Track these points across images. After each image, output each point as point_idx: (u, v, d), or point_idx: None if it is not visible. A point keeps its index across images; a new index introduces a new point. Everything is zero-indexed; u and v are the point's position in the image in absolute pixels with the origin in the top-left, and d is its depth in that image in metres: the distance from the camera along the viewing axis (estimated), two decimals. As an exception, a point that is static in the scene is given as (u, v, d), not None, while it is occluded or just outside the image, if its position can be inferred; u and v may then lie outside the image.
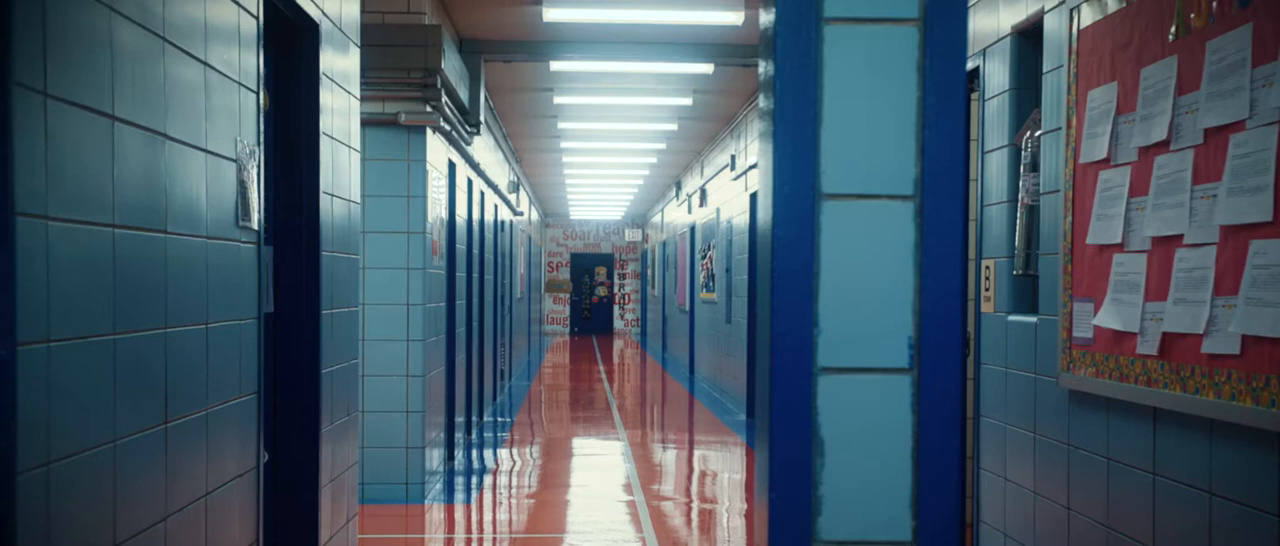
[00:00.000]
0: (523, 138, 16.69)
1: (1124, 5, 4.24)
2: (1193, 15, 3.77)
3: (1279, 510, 3.34)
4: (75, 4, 2.56)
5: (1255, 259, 3.40)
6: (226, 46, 3.69)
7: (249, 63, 3.93)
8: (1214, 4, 3.65)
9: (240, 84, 3.84)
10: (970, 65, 5.97)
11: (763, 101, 1.87)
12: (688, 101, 13.17)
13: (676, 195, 22.08)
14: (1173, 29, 3.89)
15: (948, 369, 1.77)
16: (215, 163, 3.57)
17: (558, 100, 13.26)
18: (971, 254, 6.05)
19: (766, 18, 1.84)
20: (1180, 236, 3.82)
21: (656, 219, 28.41)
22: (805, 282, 1.78)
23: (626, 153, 18.37)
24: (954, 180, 1.77)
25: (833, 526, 1.79)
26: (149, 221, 3.02)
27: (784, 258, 1.78)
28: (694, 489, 9.45)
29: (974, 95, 6.00)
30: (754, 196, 13.43)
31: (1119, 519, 4.31)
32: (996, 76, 5.64)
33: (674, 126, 15.14)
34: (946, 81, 1.75)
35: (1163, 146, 3.94)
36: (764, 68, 1.86)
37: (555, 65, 11.10)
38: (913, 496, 1.79)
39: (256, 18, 4.00)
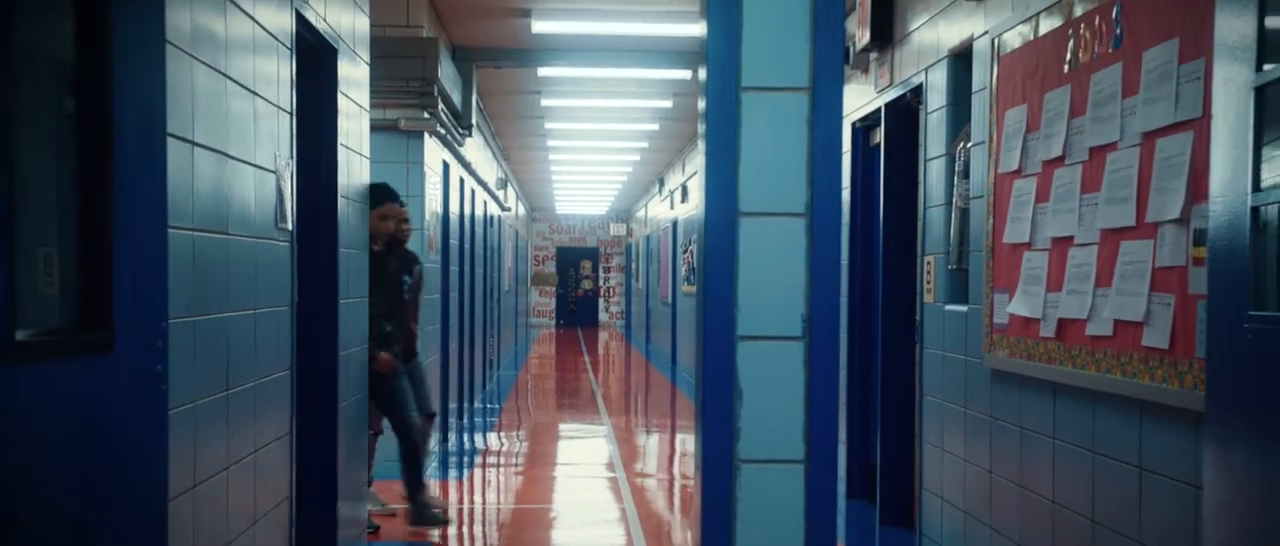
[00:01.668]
0: (511, 137, 17.39)
1: (1033, 39, 4.96)
2: (1082, 52, 4.50)
3: (1139, 462, 4.06)
4: (174, 58, 3.25)
5: (1124, 257, 4.13)
6: (270, 78, 4.38)
7: (285, 89, 4.62)
8: (1096, 44, 4.37)
9: (278, 107, 4.53)
10: (916, 81, 6.70)
11: (701, 144, 2.58)
12: (668, 104, 13.87)
13: (660, 191, 22.78)
14: (1067, 62, 4.61)
15: (829, 337, 2.48)
16: (261, 175, 4.27)
17: (545, 103, 13.96)
18: (917, 251, 6.77)
19: (702, 85, 2.55)
20: (1072, 237, 4.54)
21: (640, 214, 29.12)
22: (729, 275, 2.49)
23: (610, 151, 19.08)
24: (834, 202, 2.48)
25: (749, 449, 2.51)
26: (217, 225, 3.72)
27: (714, 258, 2.50)
28: (675, 468, 10.16)
29: (919, 107, 6.72)
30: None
31: (1029, 479, 5.03)
32: (937, 92, 6.36)
33: (655, 127, 15.85)
34: (828, 132, 2.46)
35: (1059, 161, 4.66)
36: (700, 121, 2.57)
37: (542, 71, 11.79)
38: (805, 427, 2.50)
39: (291, 52, 4.69)
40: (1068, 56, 4.61)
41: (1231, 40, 3.09)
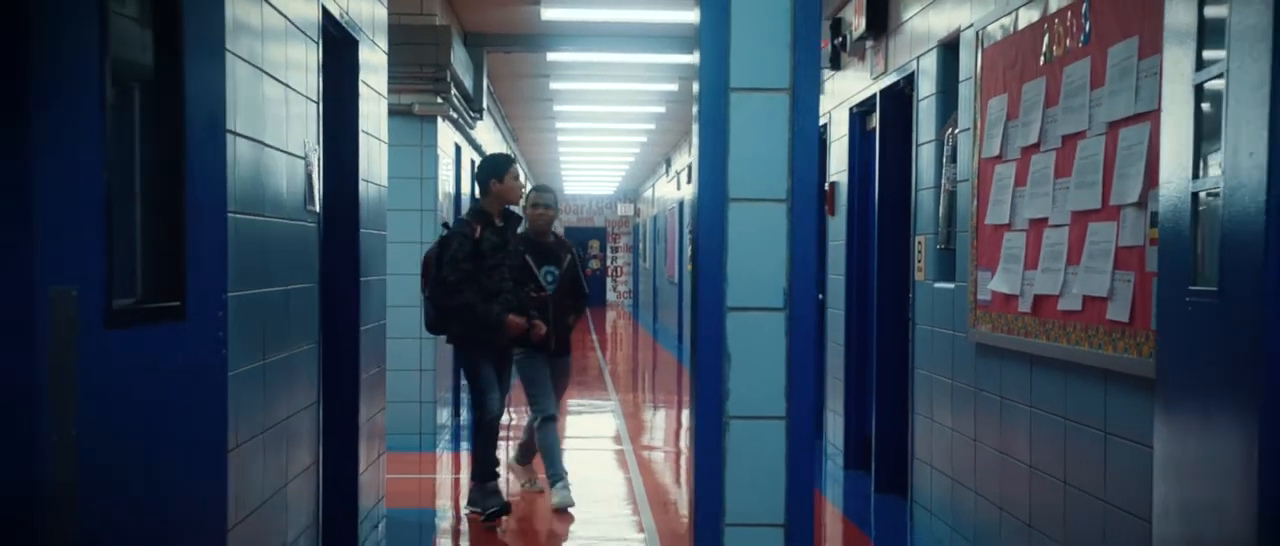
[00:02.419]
0: (520, 119, 17.71)
1: (1013, 33, 5.27)
2: (1055, 46, 4.82)
3: (1104, 427, 4.40)
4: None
5: (1091, 237, 4.46)
6: (299, 69, 4.72)
7: (313, 79, 4.96)
8: (1068, 38, 4.69)
9: (306, 97, 4.86)
10: (909, 69, 7.02)
11: (694, 138, 2.92)
12: (674, 87, 14.19)
13: (666, 171, 23.09)
14: (1043, 55, 4.93)
15: (807, 308, 2.82)
16: (291, 161, 4.60)
17: (553, 86, 14.28)
18: (910, 231, 7.10)
19: (695, 87, 2.89)
20: (1046, 219, 4.87)
21: (648, 194, 29.44)
22: (719, 253, 2.83)
23: (618, 132, 19.40)
24: (811, 189, 2.82)
25: (737, 407, 2.85)
26: (255, 209, 4.06)
27: (706, 237, 2.84)
28: (681, 442, 10.52)
29: (911, 94, 7.04)
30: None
31: (1009, 446, 5.37)
32: (927, 80, 6.68)
33: (662, 109, 16.16)
34: (806, 127, 2.80)
35: (1036, 148, 4.99)
36: (694, 118, 2.90)
37: (551, 55, 12.11)
38: (786, 387, 2.84)
39: (317, 43, 5.03)
40: (1043, 49, 4.93)
41: (1175, 42, 3.41)
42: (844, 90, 8.69)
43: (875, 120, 7.88)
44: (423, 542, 6.79)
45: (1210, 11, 3.27)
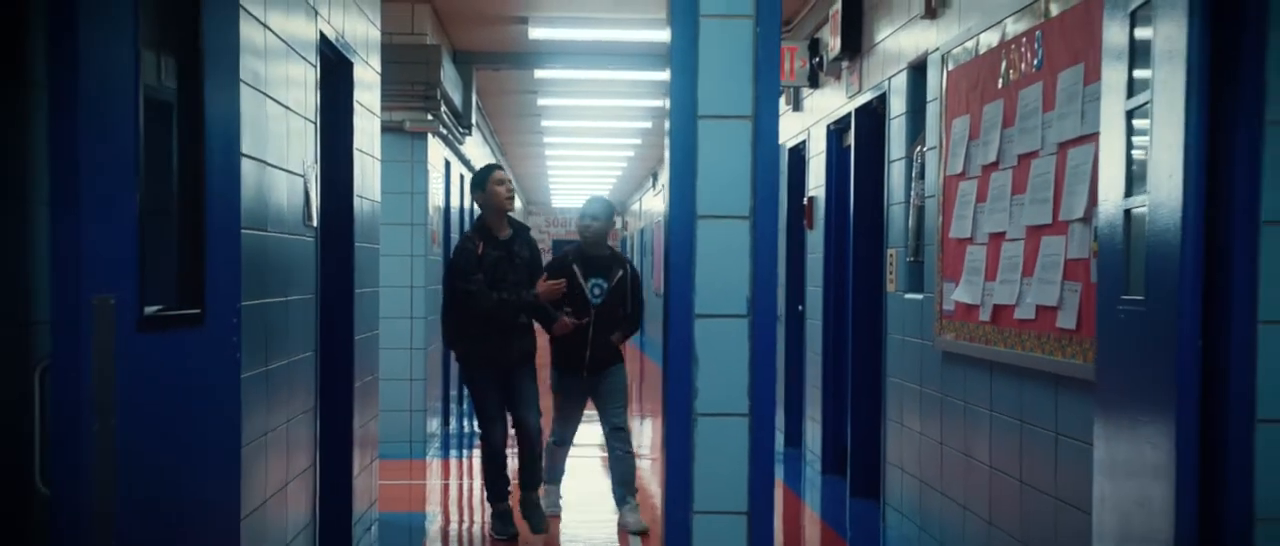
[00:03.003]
0: (508, 134, 18.00)
1: (974, 58, 5.57)
2: (1011, 70, 5.12)
3: (1055, 428, 4.69)
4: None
5: (1044, 250, 4.75)
6: (298, 90, 5.00)
7: (311, 100, 5.24)
8: (1023, 64, 4.99)
9: (305, 117, 5.14)
10: (882, 89, 7.32)
11: (666, 161, 3.20)
12: (659, 103, 14.49)
13: (653, 185, 23.39)
14: (1001, 78, 5.23)
15: (768, 316, 3.11)
16: (292, 179, 4.88)
17: (541, 102, 14.58)
18: (883, 244, 7.39)
19: (668, 114, 3.18)
20: (1004, 233, 5.16)
21: (635, 207, 29.73)
22: (688, 265, 3.12)
23: (604, 147, 19.70)
24: (773, 207, 3.11)
25: (704, 405, 3.14)
26: (259, 224, 4.33)
27: (677, 251, 3.13)
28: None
29: (883, 113, 7.34)
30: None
31: (972, 448, 5.66)
32: (898, 100, 6.98)
33: (648, 125, 16.47)
34: (766, 151, 3.09)
35: (995, 166, 5.28)
36: (666, 144, 3.19)
37: (539, 73, 12.40)
38: (748, 388, 3.13)
39: (315, 66, 5.31)
40: (1001, 73, 5.23)
41: (1111, 72, 3.71)
42: (822, 108, 8.99)
43: (851, 137, 8.18)
44: (413, 544, 7.05)
45: (1140, 34, 3.57)
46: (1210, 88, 3.17)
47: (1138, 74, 3.58)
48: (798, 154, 9.95)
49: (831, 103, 8.66)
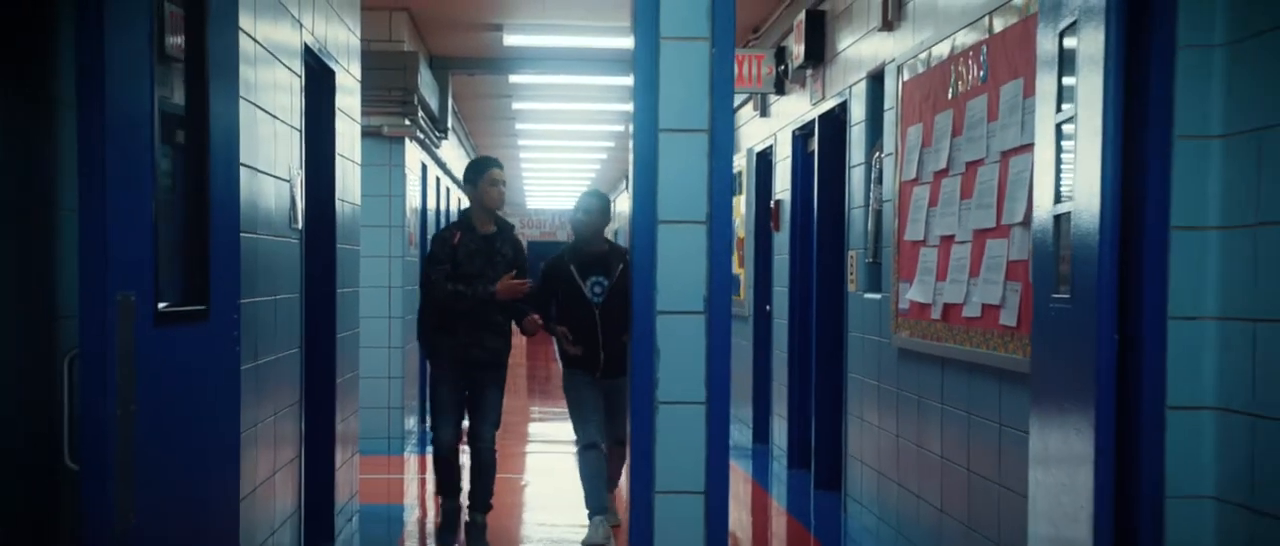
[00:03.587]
0: (483, 136, 18.27)
1: (926, 70, 5.88)
2: (960, 82, 5.43)
3: (999, 420, 5.00)
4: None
5: (988, 252, 5.06)
6: (285, 99, 5.26)
7: (296, 108, 5.50)
8: (970, 76, 5.30)
9: (291, 125, 5.41)
10: (840, 99, 7.63)
11: (630, 171, 3.49)
12: (630, 108, 14.76)
13: (626, 187, 23.66)
14: (950, 90, 5.54)
15: (723, 312, 3.41)
16: (279, 184, 5.15)
17: (516, 105, 14.85)
18: (845, 246, 7.70)
19: (632, 127, 3.47)
20: (954, 235, 5.47)
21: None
22: (650, 266, 3.41)
23: (578, 150, 20.00)
24: (727, 212, 3.41)
25: (665, 393, 3.43)
26: (250, 227, 4.60)
27: (640, 253, 3.42)
28: (632, 445, 11.06)
29: (845, 120, 7.65)
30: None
31: (924, 440, 5.96)
32: (857, 108, 7.29)
33: (620, 128, 16.76)
34: (722, 162, 3.39)
35: (945, 172, 5.59)
36: (630, 154, 3.49)
37: (513, 78, 12.68)
38: (705, 377, 3.42)
39: (300, 77, 5.57)
40: (951, 84, 5.54)
41: (1043, 86, 4.02)
42: (788, 113, 9.30)
43: (815, 143, 8.48)
44: (391, 534, 7.31)
45: (1069, 50, 3.87)
46: (1126, 104, 3.48)
47: (1067, 87, 3.89)
48: (765, 158, 10.25)
49: (797, 109, 8.97)
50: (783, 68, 9.10)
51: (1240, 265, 3.41)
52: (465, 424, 6.80)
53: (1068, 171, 3.85)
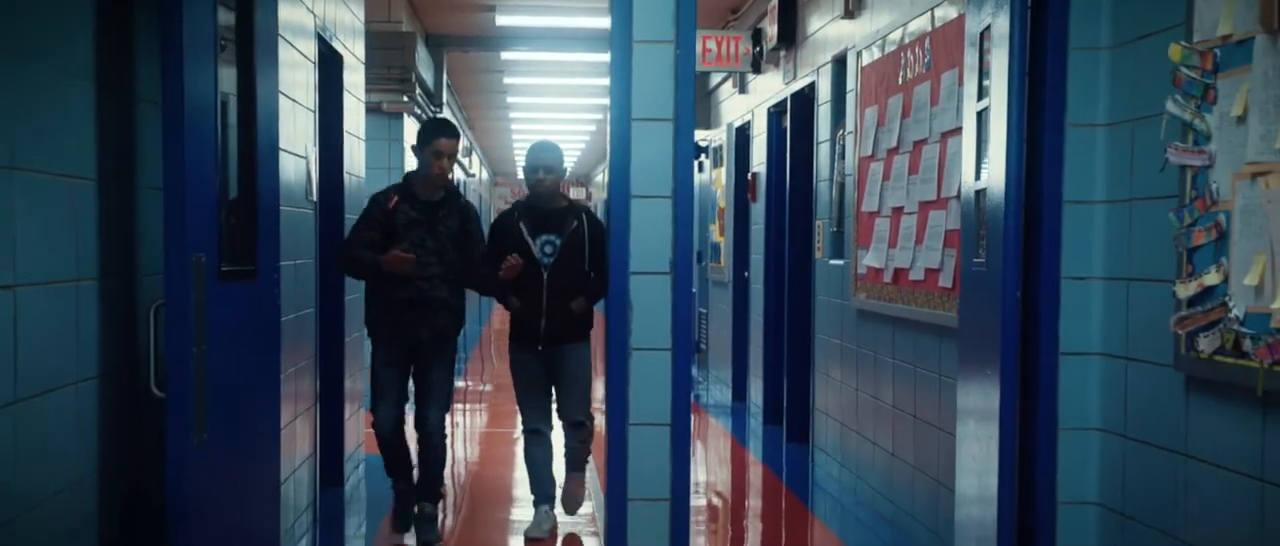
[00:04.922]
0: (476, 109, 18.86)
1: (881, 57, 6.50)
2: (908, 69, 6.04)
3: (939, 371, 5.64)
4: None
5: (930, 222, 5.69)
6: (302, 82, 5.86)
7: (311, 90, 6.10)
8: (917, 64, 5.92)
9: (307, 108, 6.01)
10: (809, 79, 8.24)
11: (608, 153, 4.12)
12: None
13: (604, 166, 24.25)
14: (901, 75, 6.16)
15: (686, 273, 4.04)
16: (298, 161, 5.75)
17: (507, 80, 15.45)
18: (813, 216, 8.32)
19: (610, 116, 4.11)
20: (903, 207, 6.09)
21: (599, 178, 30.62)
22: (624, 233, 4.04)
23: (567, 122, 20.60)
24: (688, 188, 4.04)
25: (637, 341, 4.08)
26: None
27: (616, 222, 4.05)
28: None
29: (814, 99, 8.26)
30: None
31: (879, 391, 6.60)
32: (824, 89, 7.90)
33: (607, 101, 17.34)
34: (685, 146, 4.01)
35: (896, 150, 6.21)
36: (608, 139, 4.11)
37: (505, 54, 13.27)
38: (671, 326, 4.07)
39: (314, 64, 6.17)
40: (901, 71, 6.15)
41: (969, 76, 4.64)
42: (764, 91, 9.90)
43: (788, 120, 9.08)
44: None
45: (986, 43, 4.48)
46: (1029, 97, 4.11)
47: (985, 84, 4.51)
48: (743, 133, 10.86)
49: (772, 87, 9.57)
50: (758, 48, 9.70)
51: (1119, 233, 4.05)
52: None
53: (986, 153, 4.47)
